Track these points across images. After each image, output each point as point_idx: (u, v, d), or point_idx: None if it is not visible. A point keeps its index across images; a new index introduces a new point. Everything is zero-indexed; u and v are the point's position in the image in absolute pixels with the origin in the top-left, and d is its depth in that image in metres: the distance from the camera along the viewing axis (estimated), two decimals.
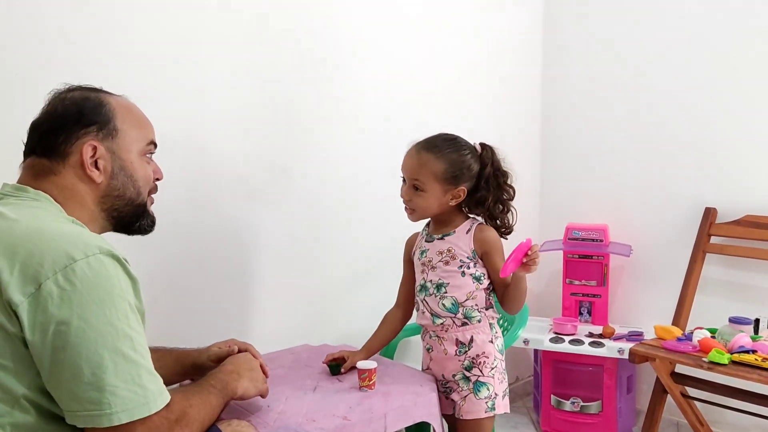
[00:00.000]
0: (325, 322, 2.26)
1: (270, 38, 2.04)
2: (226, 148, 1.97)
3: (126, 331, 1.00)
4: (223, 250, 1.98)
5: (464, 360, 1.75)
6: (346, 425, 1.44)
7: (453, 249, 1.75)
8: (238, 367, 1.34)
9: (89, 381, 0.96)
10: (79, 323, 0.96)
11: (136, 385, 0.99)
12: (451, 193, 1.72)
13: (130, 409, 0.98)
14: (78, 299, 0.96)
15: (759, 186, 2.43)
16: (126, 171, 1.20)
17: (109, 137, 1.17)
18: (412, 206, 1.75)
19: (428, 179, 1.70)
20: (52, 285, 0.96)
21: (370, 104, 2.35)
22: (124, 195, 1.20)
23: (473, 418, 1.74)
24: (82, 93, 1.20)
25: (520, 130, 3.01)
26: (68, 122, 1.15)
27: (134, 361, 1.00)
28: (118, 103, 1.21)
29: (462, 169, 1.71)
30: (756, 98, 2.42)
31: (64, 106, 1.17)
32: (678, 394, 2.31)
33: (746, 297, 2.46)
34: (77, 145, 1.15)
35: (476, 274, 1.74)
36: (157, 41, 1.79)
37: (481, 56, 2.79)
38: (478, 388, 1.74)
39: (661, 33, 2.67)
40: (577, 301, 2.78)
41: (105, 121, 1.17)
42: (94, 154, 1.15)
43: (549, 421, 2.68)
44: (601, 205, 2.89)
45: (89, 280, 0.98)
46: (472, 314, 1.74)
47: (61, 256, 0.98)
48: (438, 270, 1.76)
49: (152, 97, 1.73)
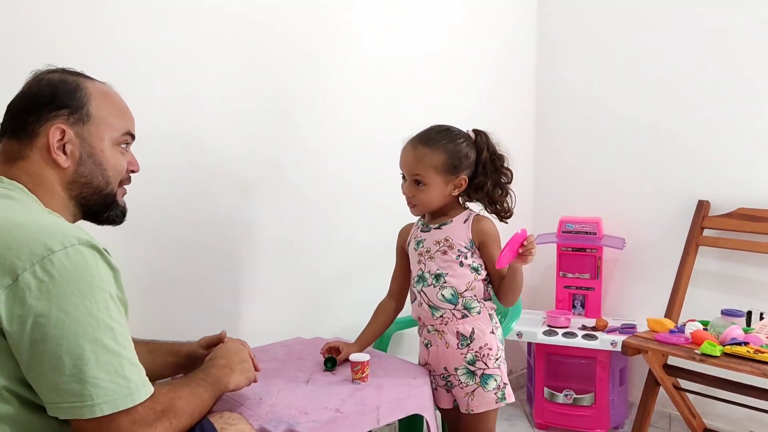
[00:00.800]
0: (318, 316, 2.26)
1: (261, 33, 2.03)
2: (218, 142, 1.96)
3: (107, 322, 0.98)
4: (216, 243, 1.98)
5: (467, 353, 1.74)
6: (338, 417, 1.43)
7: (450, 238, 1.74)
8: (230, 361, 1.33)
9: (70, 373, 0.95)
10: (58, 315, 0.94)
11: (118, 376, 0.98)
12: (452, 183, 1.72)
13: (113, 400, 0.97)
14: (57, 290, 0.95)
15: (752, 179, 2.43)
16: (95, 159, 1.17)
17: (80, 122, 1.14)
18: (415, 202, 1.74)
19: (428, 173, 1.70)
20: (30, 277, 0.94)
21: (362, 98, 2.35)
22: (92, 183, 1.17)
23: (485, 410, 1.73)
24: (61, 75, 1.17)
25: (513, 124, 3.00)
26: (41, 103, 1.13)
27: (116, 352, 0.99)
28: (97, 89, 1.19)
29: (460, 158, 1.71)
30: (748, 92, 2.43)
31: (39, 86, 1.15)
32: (670, 386, 2.32)
33: (738, 289, 2.46)
34: (45, 127, 1.12)
35: (474, 264, 1.74)
36: (148, 36, 1.77)
37: (475, 49, 2.78)
38: (486, 381, 1.73)
39: (655, 26, 2.67)
40: (570, 294, 2.78)
41: (78, 105, 1.15)
42: (62, 137, 1.13)
43: (542, 414, 2.68)
44: (595, 198, 2.89)
45: (68, 271, 0.96)
46: (472, 305, 1.73)
47: (38, 247, 0.96)
48: (436, 260, 1.75)
49: (144, 91, 1.73)
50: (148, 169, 1.42)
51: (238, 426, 1.21)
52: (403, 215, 1.86)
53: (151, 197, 1.78)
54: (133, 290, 1.66)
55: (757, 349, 1.91)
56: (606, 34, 2.83)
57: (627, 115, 2.77)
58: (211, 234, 1.96)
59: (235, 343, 1.43)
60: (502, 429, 2.69)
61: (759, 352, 1.90)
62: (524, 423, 2.77)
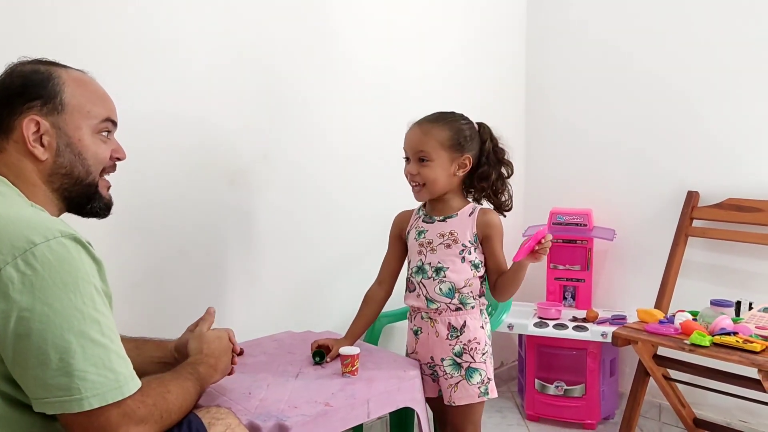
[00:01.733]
0: (308, 309, 2.25)
1: (252, 23, 2.01)
2: (207, 134, 1.95)
3: (93, 315, 0.97)
4: (204, 237, 1.96)
5: (455, 345, 1.74)
6: (328, 411, 1.43)
7: (455, 232, 1.73)
8: (218, 362, 1.33)
9: (57, 367, 0.93)
10: (42, 308, 0.93)
11: (106, 369, 0.97)
12: (457, 162, 1.71)
13: (101, 393, 0.96)
14: (40, 284, 0.94)
15: (741, 169, 2.44)
16: (73, 148, 1.14)
17: (54, 112, 1.12)
18: (420, 180, 1.72)
19: (434, 148, 1.69)
20: (12, 270, 0.93)
21: (351, 91, 2.33)
22: (72, 173, 1.15)
23: (466, 403, 1.73)
24: (33, 66, 1.15)
25: (503, 116, 2.99)
26: (12, 95, 1.11)
27: (103, 344, 0.98)
28: (71, 77, 1.16)
29: (465, 137, 1.72)
30: (739, 82, 2.43)
31: (12, 79, 1.13)
32: (660, 377, 2.33)
33: (728, 280, 2.47)
34: (19, 120, 1.10)
35: (475, 261, 1.74)
36: (135, 27, 1.75)
37: (465, 39, 2.77)
38: (471, 374, 1.73)
39: (645, 16, 2.66)
40: (561, 285, 2.79)
41: (50, 95, 1.12)
42: (38, 129, 1.11)
43: (533, 405, 2.69)
44: (585, 190, 2.89)
45: (51, 264, 0.95)
46: (467, 301, 1.74)
47: (20, 240, 0.95)
48: (438, 253, 1.74)
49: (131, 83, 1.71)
50: (135, 161, 1.41)
51: (226, 420, 1.21)
52: (394, 208, 1.86)
53: (138, 190, 1.76)
54: (122, 285, 1.66)
55: (746, 339, 1.92)
56: (596, 26, 2.82)
57: (617, 107, 2.77)
58: (200, 227, 1.95)
59: (223, 339, 1.41)
60: (493, 421, 2.70)
61: (748, 342, 1.90)
62: (515, 415, 2.78)
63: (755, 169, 2.40)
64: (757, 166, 2.40)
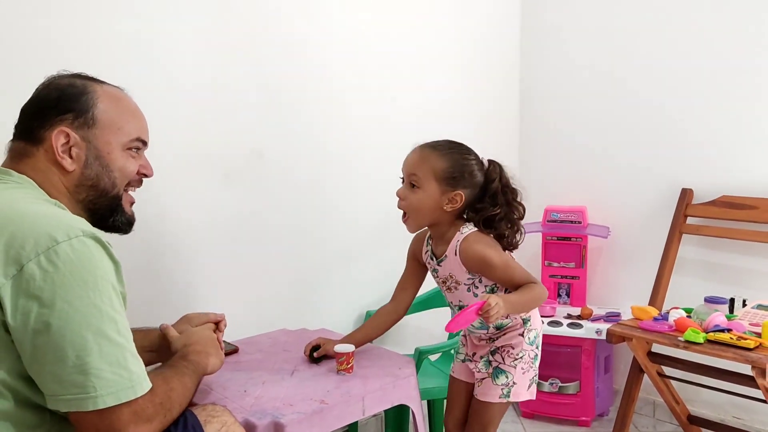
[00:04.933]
0: (304, 307, 2.25)
1: (245, 20, 2.01)
2: (200, 130, 1.94)
3: (110, 314, 0.99)
4: (198, 234, 1.96)
5: (492, 347, 1.76)
6: (323, 409, 1.43)
7: (453, 275, 1.70)
8: (206, 346, 1.33)
9: (73, 364, 0.95)
10: (62, 305, 0.95)
11: (121, 367, 0.98)
12: (447, 196, 1.63)
13: (115, 392, 0.97)
14: (61, 281, 0.95)
15: (734, 167, 2.44)
16: (102, 161, 1.18)
17: (85, 126, 1.16)
18: (404, 205, 1.66)
19: (426, 175, 1.62)
20: (35, 267, 0.95)
21: (346, 88, 2.33)
22: (98, 185, 1.19)
23: (487, 401, 1.74)
24: (70, 80, 1.19)
25: (498, 113, 3.00)
26: (46, 107, 1.15)
27: (119, 343, 0.99)
28: (106, 93, 1.20)
29: (463, 173, 1.63)
30: (732, 80, 2.43)
31: (47, 91, 1.17)
32: (654, 374, 2.33)
33: (721, 277, 2.48)
34: (50, 131, 1.14)
35: (487, 289, 1.69)
36: (126, 24, 1.74)
37: (460, 38, 2.77)
38: (497, 375, 1.73)
39: (639, 15, 2.66)
40: (555, 283, 2.79)
41: (83, 109, 1.16)
42: (68, 141, 1.14)
43: (528, 402, 2.67)
44: (580, 187, 2.89)
45: (72, 262, 0.96)
46: (503, 322, 1.72)
47: (43, 237, 0.97)
48: (453, 293, 1.74)
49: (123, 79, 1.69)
50: None
51: (222, 418, 1.21)
52: (389, 206, 1.85)
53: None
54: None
55: (740, 336, 1.93)
56: (590, 24, 2.82)
57: (611, 104, 2.77)
58: (194, 225, 1.94)
59: (203, 329, 1.41)
60: None
61: (742, 339, 1.91)
62: (510, 412, 2.78)
63: (748, 166, 2.41)
64: (751, 164, 2.41)
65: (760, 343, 1.91)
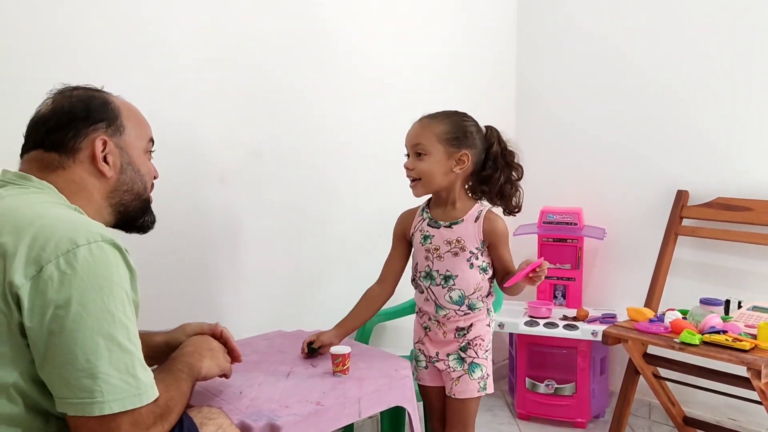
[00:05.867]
0: (300, 308, 2.25)
1: (242, 19, 2.00)
2: (197, 131, 1.93)
3: (122, 320, 1.00)
4: (194, 235, 1.95)
5: (462, 342, 1.77)
6: (319, 410, 1.42)
7: (462, 240, 1.72)
8: (199, 348, 1.33)
9: (83, 368, 0.95)
10: (77, 308, 0.95)
11: (129, 375, 0.99)
12: (454, 158, 1.69)
13: (122, 398, 0.97)
14: (78, 284, 0.96)
15: (730, 169, 2.45)
16: (134, 166, 1.24)
17: (117, 134, 1.21)
18: (415, 174, 1.71)
19: (431, 141, 1.69)
20: (53, 268, 0.96)
21: (342, 89, 2.32)
22: (133, 189, 1.24)
23: (466, 397, 1.76)
24: (87, 92, 1.22)
25: (494, 114, 2.96)
26: (76, 118, 1.17)
27: (129, 350, 1.00)
28: (121, 102, 1.25)
29: (465, 133, 1.70)
30: (729, 81, 2.44)
31: (71, 103, 1.19)
32: (650, 375, 2.34)
33: (717, 278, 2.49)
34: (87, 141, 1.17)
35: (483, 265, 1.74)
36: (122, 23, 1.74)
37: (456, 41, 2.77)
38: (473, 369, 1.76)
39: (636, 17, 2.67)
40: (551, 284, 2.79)
41: (112, 117, 1.20)
42: (104, 149, 1.17)
43: (524, 404, 2.70)
44: (576, 189, 2.90)
45: (90, 266, 0.98)
46: (476, 305, 1.76)
47: (64, 240, 0.98)
48: (446, 261, 1.74)
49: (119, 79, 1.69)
50: None
51: (218, 420, 1.21)
52: (388, 206, 1.85)
53: None
54: None
55: (735, 338, 1.93)
56: (586, 26, 2.83)
57: (607, 106, 2.78)
58: (191, 225, 1.94)
59: (202, 336, 1.41)
60: (484, 419, 2.70)
61: (737, 341, 1.91)
62: (506, 413, 2.78)
63: (744, 168, 2.42)
64: (746, 166, 2.41)
65: (755, 344, 1.91)
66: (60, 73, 1.34)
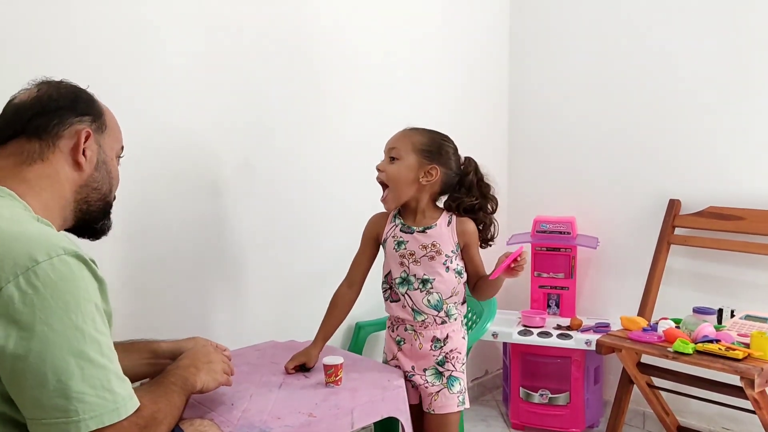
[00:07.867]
0: (292, 319, 2.23)
1: (234, 31, 2.00)
2: (187, 141, 1.93)
3: (93, 335, 0.95)
4: (186, 246, 1.94)
5: (439, 355, 1.77)
6: (312, 422, 1.42)
7: (438, 244, 1.75)
8: (195, 361, 1.30)
9: (55, 388, 0.91)
10: (42, 328, 0.91)
11: (105, 390, 0.95)
12: (424, 169, 1.72)
13: (99, 415, 0.94)
14: (41, 303, 0.92)
15: (721, 178, 2.46)
16: (107, 166, 1.22)
17: (100, 131, 1.20)
18: (384, 177, 1.75)
19: (406, 148, 1.73)
20: (13, 289, 0.91)
21: (335, 99, 2.33)
22: (101, 189, 1.21)
23: (446, 412, 1.76)
24: (75, 86, 1.22)
25: (487, 123, 3.01)
26: (63, 107, 1.16)
27: (102, 365, 0.96)
28: (104, 104, 1.25)
29: (440, 149, 1.74)
30: (720, 91, 2.45)
31: (59, 92, 1.18)
32: (644, 384, 2.34)
33: (710, 287, 2.49)
34: (71, 130, 1.15)
35: (458, 268, 1.77)
36: (115, 33, 1.73)
37: (448, 47, 2.78)
38: (452, 383, 1.77)
39: (626, 27, 2.69)
40: (545, 293, 2.79)
41: (98, 114, 1.20)
42: (86, 141, 1.16)
43: (518, 414, 2.69)
44: (569, 198, 2.91)
45: (53, 283, 0.93)
46: (452, 312, 1.77)
47: (22, 258, 0.93)
48: (423, 265, 1.75)
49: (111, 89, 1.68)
50: None
51: None
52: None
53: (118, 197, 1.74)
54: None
55: (729, 347, 1.93)
56: (578, 34, 2.84)
57: (599, 115, 2.79)
58: (181, 236, 1.93)
59: (200, 347, 1.39)
60: (478, 430, 2.69)
61: (730, 350, 1.91)
62: (500, 423, 2.77)
63: (736, 177, 2.43)
64: (738, 175, 2.42)
65: (748, 353, 1.91)
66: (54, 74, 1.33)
